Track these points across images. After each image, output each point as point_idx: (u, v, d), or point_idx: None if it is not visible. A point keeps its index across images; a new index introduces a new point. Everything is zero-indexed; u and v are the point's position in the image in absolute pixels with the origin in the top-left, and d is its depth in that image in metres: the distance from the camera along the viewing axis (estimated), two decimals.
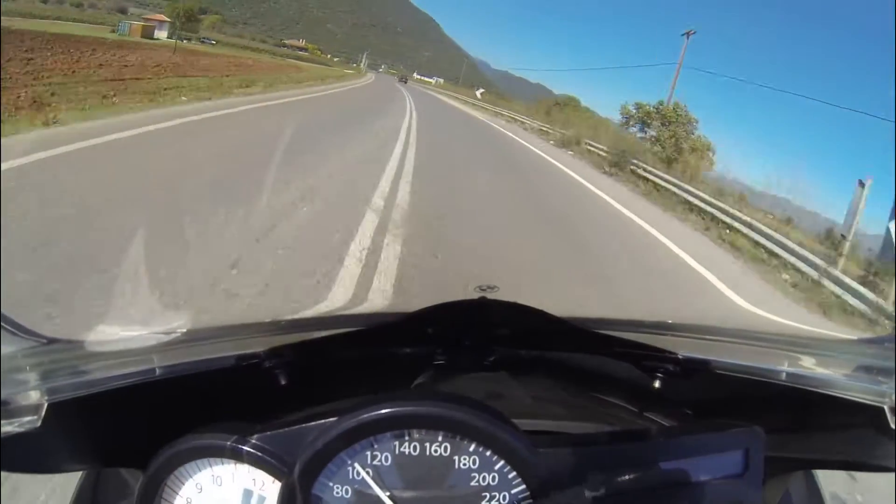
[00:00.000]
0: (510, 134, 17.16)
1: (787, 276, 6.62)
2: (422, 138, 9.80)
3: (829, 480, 0.76)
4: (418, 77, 52.47)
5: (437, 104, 26.06)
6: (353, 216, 4.32)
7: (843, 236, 7.29)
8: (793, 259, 6.84)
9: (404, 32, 62.14)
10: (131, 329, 0.95)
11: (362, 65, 52.17)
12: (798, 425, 0.68)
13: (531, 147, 14.39)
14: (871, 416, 0.58)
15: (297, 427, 0.59)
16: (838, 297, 6.02)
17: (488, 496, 0.58)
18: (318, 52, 42.67)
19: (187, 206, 4.00)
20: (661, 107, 17.94)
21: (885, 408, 0.56)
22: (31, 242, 3.10)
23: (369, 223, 4.25)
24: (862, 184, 7.49)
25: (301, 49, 41.18)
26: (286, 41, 42.44)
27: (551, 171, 10.80)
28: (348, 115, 11.78)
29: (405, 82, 49.03)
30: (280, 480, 0.58)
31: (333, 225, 4.01)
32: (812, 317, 5.36)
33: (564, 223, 6.23)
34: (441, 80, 52.27)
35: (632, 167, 11.39)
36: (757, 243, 7.49)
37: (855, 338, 0.86)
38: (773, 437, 0.66)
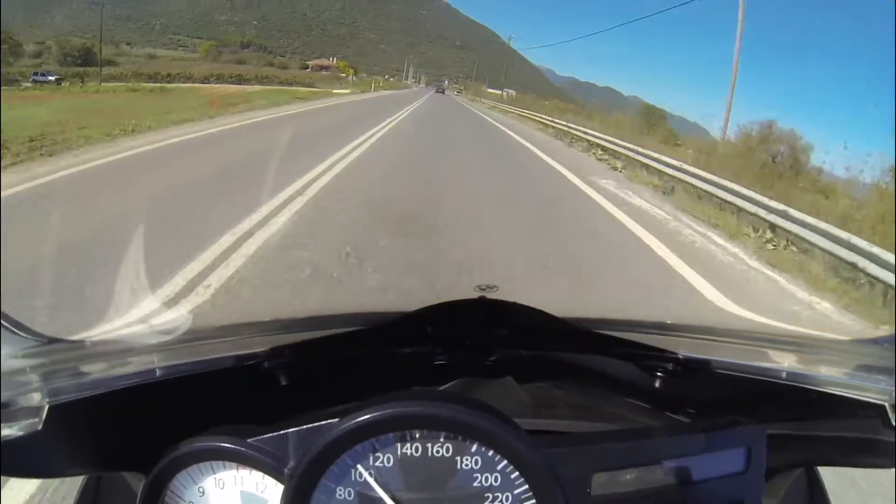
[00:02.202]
0: None
1: None
2: None
3: (831, 477, 0.77)
4: (490, 90, 46.74)
5: None
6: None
7: None
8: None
9: (464, 45, 57.97)
10: (132, 329, 0.95)
11: (408, 80, 48.95)
12: (799, 423, 0.68)
13: None
14: (872, 413, 0.57)
15: (298, 429, 0.59)
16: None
17: (490, 496, 0.58)
18: (351, 70, 40.90)
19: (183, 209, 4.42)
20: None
21: (886, 405, 0.56)
22: (29, 245, 3.47)
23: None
24: None
25: (325, 68, 38.72)
26: (309, 62, 40.32)
27: None
28: None
29: (442, 93, 45.17)
30: (282, 483, 0.58)
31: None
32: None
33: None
34: (512, 92, 46.00)
35: None
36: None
37: (855, 337, 0.84)
38: (774, 436, 0.66)
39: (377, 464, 0.57)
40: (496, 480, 0.58)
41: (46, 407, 0.52)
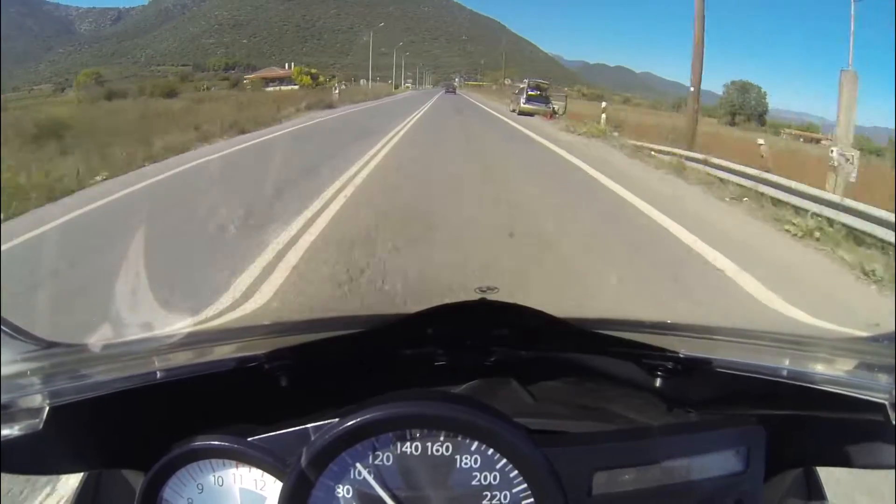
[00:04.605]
0: None
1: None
2: None
3: (831, 478, 0.78)
4: (512, 83, 41.67)
5: None
6: None
7: None
8: None
9: (471, 39, 54.38)
10: (132, 332, 0.98)
11: (403, 82, 41.31)
12: (799, 423, 0.69)
13: None
14: (872, 413, 0.59)
15: (298, 428, 0.62)
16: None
17: (490, 495, 0.60)
18: (306, 78, 29.61)
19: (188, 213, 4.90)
20: None
21: (887, 404, 0.58)
22: (30, 248, 3.77)
23: None
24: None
25: (273, 80, 30.94)
26: (248, 76, 33.25)
27: None
28: None
29: (453, 92, 35.77)
30: (281, 481, 0.60)
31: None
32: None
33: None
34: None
35: None
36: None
37: (856, 335, 0.85)
38: (774, 435, 0.68)
39: (377, 462, 0.60)
40: (495, 479, 0.60)
41: (47, 408, 0.55)
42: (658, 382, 0.77)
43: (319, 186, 6.20)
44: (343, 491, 0.59)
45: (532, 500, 0.60)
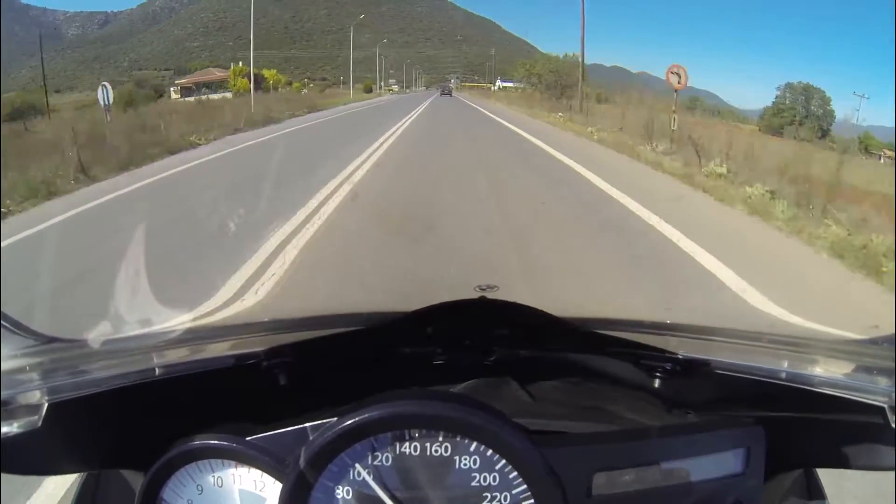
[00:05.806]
0: None
1: None
2: None
3: (831, 479, 0.78)
4: (505, 84, 41.22)
5: None
6: None
7: None
8: None
9: (466, 39, 54.66)
10: (131, 328, 0.99)
11: (385, 85, 39.49)
12: (799, 424, 0.70)
13: None
14: (871, 415, 0.60)
15: (297, 427, 0.62)
16: None
17: (489, 496, 0.61)
18: (243, 82, 23.58)
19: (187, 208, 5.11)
20: None
21: (886, 407, 0.58)
22: (29, 243, 3.97)
23: None
24: None
25: (200, 86, 25.72)
26: (179, 81, 28.70)
27: None
28: None
29: (449, 94, 33.59)
30: (281, 481, 0.61)
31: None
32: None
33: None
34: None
35: None
36: None
37: (855, 337, 0.86)
38: (773, 437, 0.69)
39: (375, 463, 0.60)
40: (495, 480, 0.61)
41: (45, 405, 0.56)
42: (658, 383, 0.78)
43: None
44: (343, 492, 0.60)
45: (532, 501, 0.60)
